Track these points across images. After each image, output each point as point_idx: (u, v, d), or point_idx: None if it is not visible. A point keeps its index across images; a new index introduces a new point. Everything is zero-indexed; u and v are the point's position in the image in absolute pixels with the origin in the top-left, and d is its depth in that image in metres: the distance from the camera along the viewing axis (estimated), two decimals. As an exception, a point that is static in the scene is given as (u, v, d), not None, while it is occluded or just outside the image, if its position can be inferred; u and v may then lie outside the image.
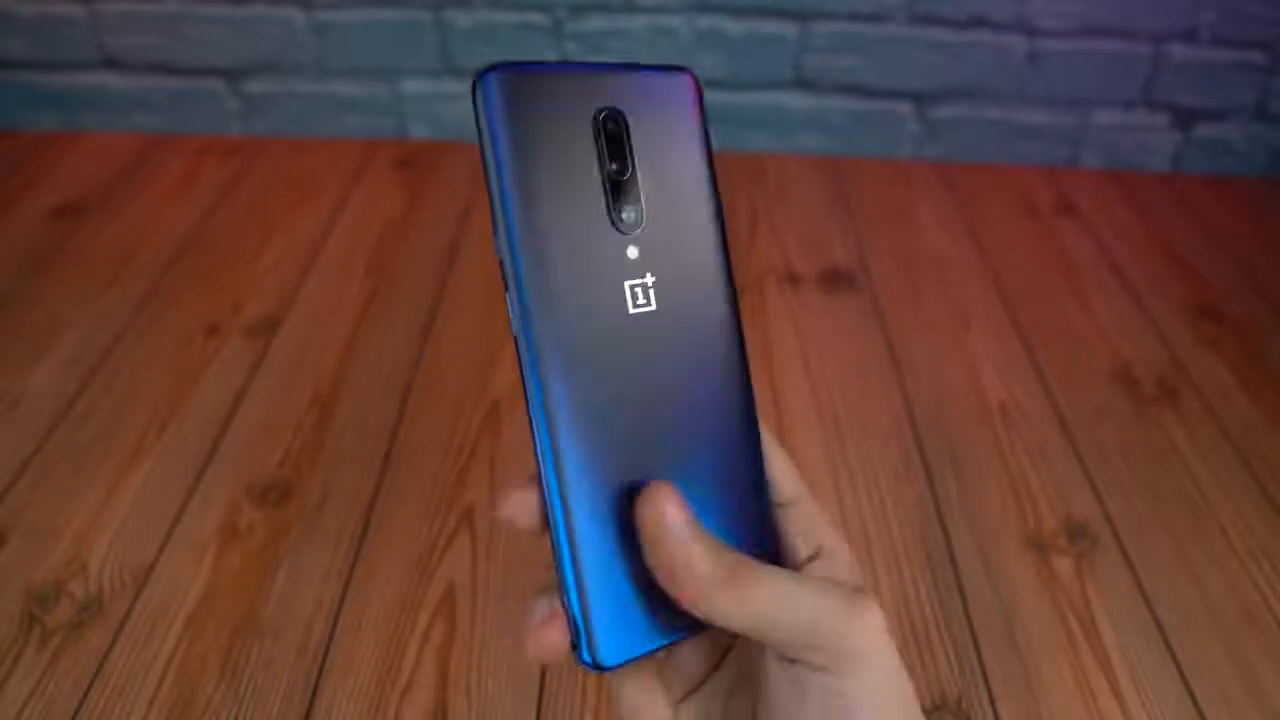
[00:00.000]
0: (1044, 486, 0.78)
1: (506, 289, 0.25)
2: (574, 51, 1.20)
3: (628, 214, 0.26)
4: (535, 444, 0.25)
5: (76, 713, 0.59)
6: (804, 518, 0.29)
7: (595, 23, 1.18)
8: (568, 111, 0.25)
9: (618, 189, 0.26)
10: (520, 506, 0.26)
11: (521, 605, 0.67)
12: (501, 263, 0.25)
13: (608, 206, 0.26)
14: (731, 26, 1.18)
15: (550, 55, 1.20)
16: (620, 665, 0.26)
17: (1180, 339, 0.96)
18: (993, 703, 0.61)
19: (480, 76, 0.25)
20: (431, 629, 0.65)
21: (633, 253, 0.26)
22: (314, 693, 0.61)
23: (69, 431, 0.80)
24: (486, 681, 0.62)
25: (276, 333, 0.92)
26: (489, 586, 0.68)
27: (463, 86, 1.23)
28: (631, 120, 0.26)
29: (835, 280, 1.02)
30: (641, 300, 0.26)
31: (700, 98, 0.28)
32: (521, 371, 0.25)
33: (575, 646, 0.26)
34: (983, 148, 1.26)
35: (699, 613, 0.25)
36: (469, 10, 1.18)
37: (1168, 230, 1.15)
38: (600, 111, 0.26)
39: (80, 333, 0.91)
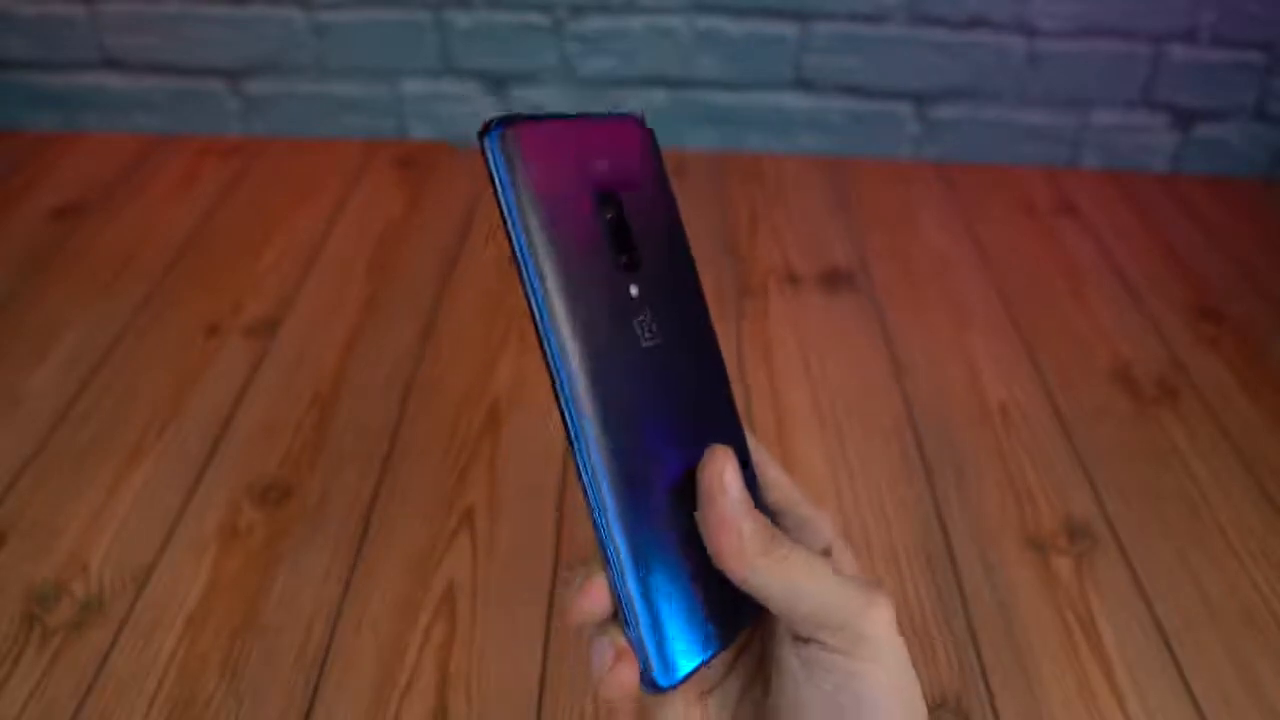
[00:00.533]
0: (1044, 486, 0.78)
1: (540, 336, 0.27)
2: (574, 52, 1.20)
3: (626, 257, 0.28)
4: (585, 484, 0.27)
5: (76, 713, 0.59)
6: (807, 519, 0.30)
7: (595, 23, 1.18)
8: (571, 164, 0.27)
9: (617, 233, 0.28)
10: (595, 600, 0.27)
11: (523, 606, 0.67)
12: (533, 312, 0.27)
13: (610, 250, 0.28)
14: (731, 26, 1.18)
15: (550, 55, 1.21)
16: (681, 682, 0.27)
17: (1180, 339, 0.96)
18: (992, 702, 0.61)
19: (493, 128, 0.26)
20: (431, 629, 0.65)
21: (635, 291, 0.28)
22: (314, 693, 0.61)
23: (69, 431, 0.80)
24: (486, 681, 0.62)
25: (276, 333, 0.92)
26: (489, 586, 0.68)
27: (463, 87, 1.23)
28: (616, 169, 0.28)
29: (835, 280, 1.02)
30: (648, 335, 0.28)
31: (652, 137, 0.30)
32: (564, 419, 0.27)
33: (645, 674, 0.27)
34: (983, 148, 1.26)
35: (738, 573, 0.26)
36: (469, 10, 1.18)
37: (1168, 230, 1.15)
38: (592, 160, 0.28)
39: (80, 333, 0.91)
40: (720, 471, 0.27)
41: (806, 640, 0.26)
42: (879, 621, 0.26)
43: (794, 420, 0.84)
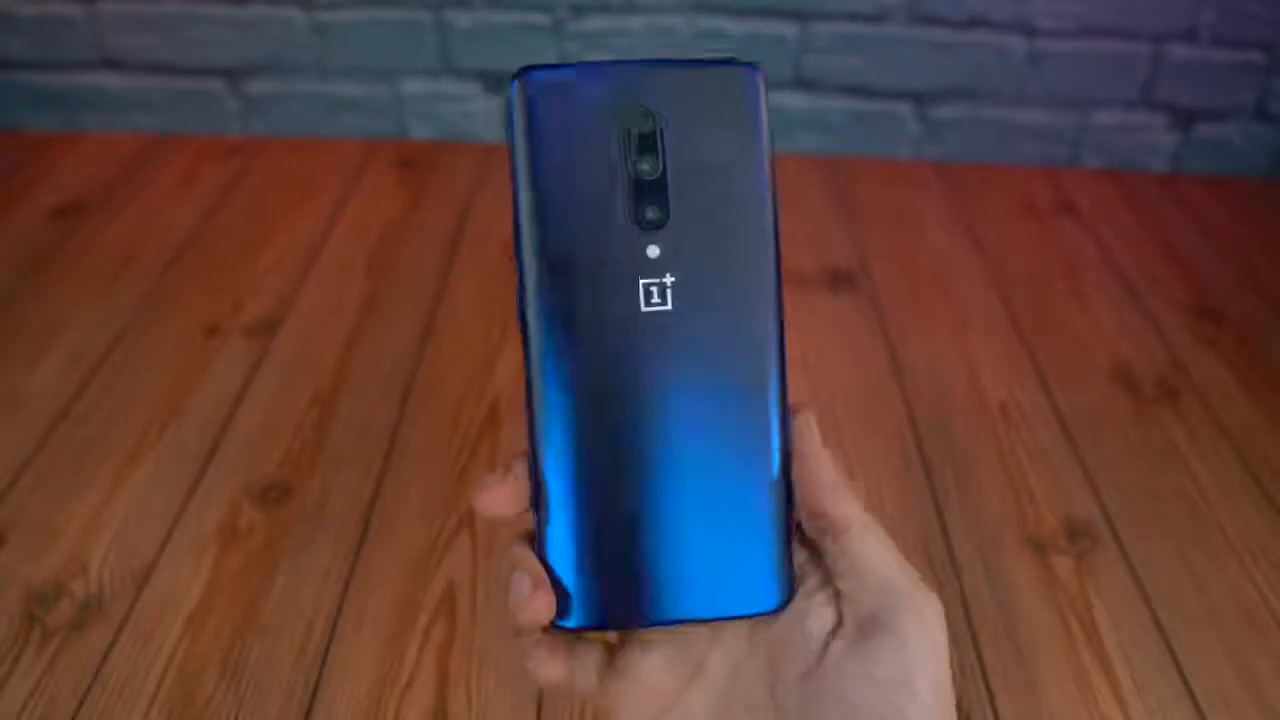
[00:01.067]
0: (1044, 486, 0.78)
1: (518, 280, 0.26)
2: (574, 52, 1.20)
3: (651, 213, 0.26)
4: (529, 415, 0.26)
5: (76, 713, 0.59)
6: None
7: (595, 23, 1.18)
8: (600, 110, 0.26)
9: (643, 187, 0.26)
10: (503, 499, 0.27)
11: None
12: (516, 254, 0.26)
13: (630, 204, 0.26)
14: (731, 26, 1.18)
15: (550, 56, 1.21)
16: (584, 629, 0.27)
17: (1180, 339, 0.96)
18: (993, 702, 0.61)
19: (517, 75, 0.25)
20: (431, 629, 0.65)
21: (653, 252, 0.26)
22: (314, 693, 0.61)
23: (69, 431, 0.80)
24: (486, 681, 0.62)
25: (276, 333, 0.92)
26: (489, 586, 0.68)
27: (463, 87, 1.23)
28: (670, 118, 0.26)
29: (835, 280, 1.02)
30: (656, 299, 0.26)
31: (761, 94, 0.27)
32: (526, 366, 0.26)
33: (563, 612, 0.27)
34: (983, 148, 1.26)
35: (829, 514, 0.27)
36: (469, 10, 1.18)
37: (1168, 230, 1.15)
38: (632, 109, 0.26)
39: (80, 333, 0.91)
40: (809, 419, 0.28)
41: (863, 626, 0.26)
42: (940, 612, 0.26)
43: (794, 420, 0.84)
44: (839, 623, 0.27)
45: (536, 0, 1.17)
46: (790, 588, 0.28)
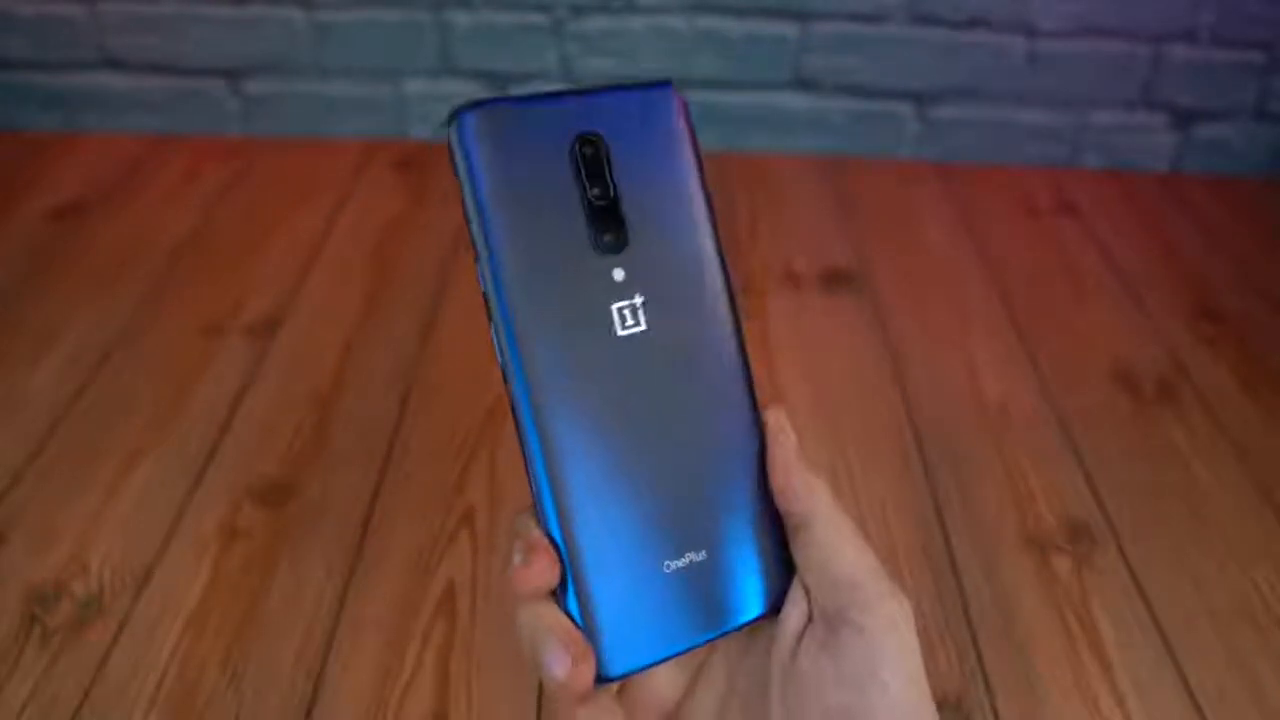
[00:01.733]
0: (1044, 486, 0.78)
1: (490, 321, 0.26)
2: (574, 52, 1.20)
3: (610, 237, 0.26)
4: (529, 471, 0.26)
5: (77, 712, 0.59)
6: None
7: (595, 23, 1.18)
8: (544, 142, 0.26)
9: (599, 213, 0.26)
10: (543, 573, 0.26)
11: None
12: (485, 297, 0.26)
13: (590, 232, 0.26)
14: (731, 26, 1.18)
15: (550, 56, 1.21)
16: (624, 676, 0.26)
17: (1180, 339, 0.96)
18: (993, 702, 0.61)
19: (455, 116, 0.25)
20: (431, 629, 0.65)
21: (619, 275, 0.26)
22: (314, 693, 0.61)
23: (69, 431, 0.80)
24: (486, 681, 0.62)
25: (277, 332, 0.92)
26: (489, 586, 0.68)
27: (463, 87, 1.23)
28: (611, 143, 0.26)
29: (835, 280, 1.02)
30: (630, 321, 0.26)
31: (684, 108, 0.27)
32: (511, 402, 0.26)
33: (605, 664, 0.26)
34: (983, 148, 1.26)
35: (797, 505, 0.27)
36: (469, 10, 1.18)
37: (1168, 230, 1.15)
38: (577, 138, 0.26)
39: (80, 333, 0.91)
40: (779, 415, 0.28)
41: (830, 623, 0.26)
42: (905, 606, 0.26)
43: (794, 420, 0.84)
44: (810, 619, 0.27)
45: (536, 0, 1.17)
46: (789, 576, 0.28)
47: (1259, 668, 0.64)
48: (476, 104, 0.25)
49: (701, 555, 0.27)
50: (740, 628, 0.28)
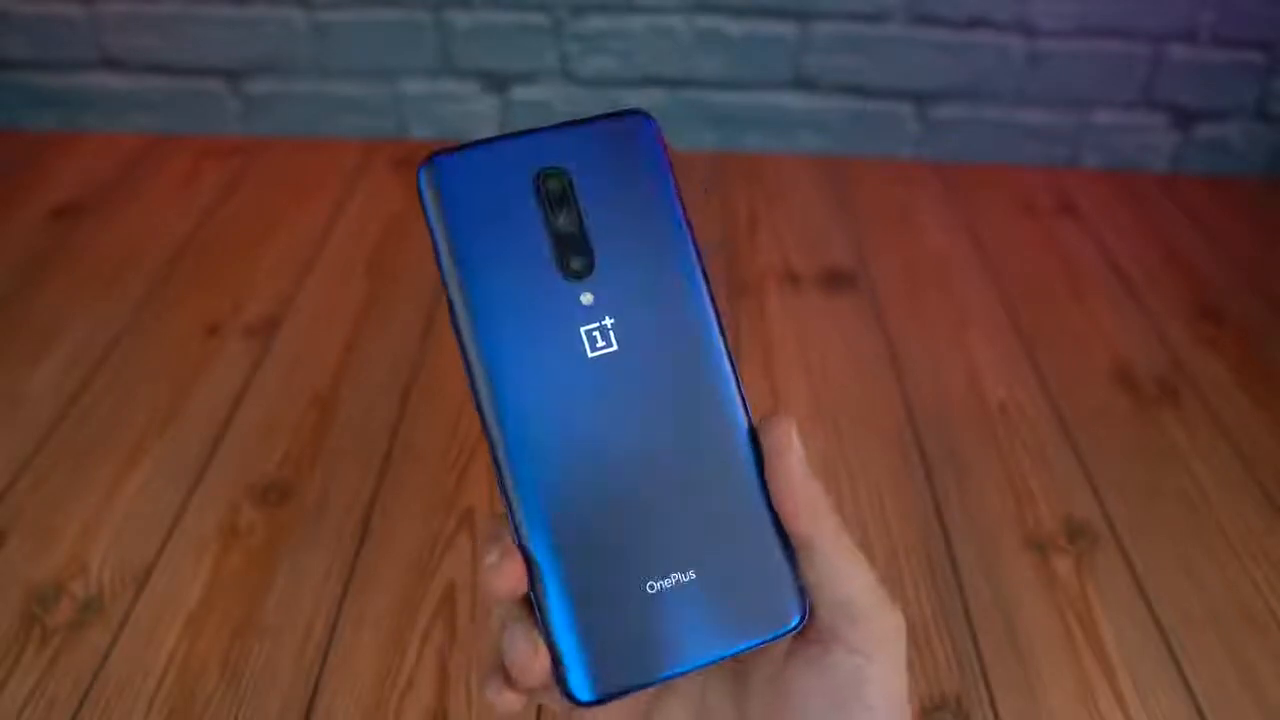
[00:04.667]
0: (1044, 486, 0.78)
1: (463, 356, 0.26)
2: (574, 52, 1.20)
3: (576, 263, 0.27)
4: (500, 488, 0.26)
5: (77, 713, 0.59)
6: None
7: (595, 23, 1.18)
8: (508, 178, 0.27)
9: (563, 240, 0.27)
10: (512, 577, 0.26)
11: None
12: (457, 336, 0.26)
13: (555, 259, 0.27)
14: (731, 26, 1.18)
15: (550, 56, 1.21)
16: (600, 701, 0.26)
17: (1180, 339, 0.96)
18: (992, 702, 0.61)
19: (420, 168, 0.26)
20: (431, 629, 0.65)
21: (587, 299, 0.27)
22: (314, 693, 0.61)
23: (69, 431, 0.80)
24: (486, 681, 0.62)
25: (276, 333, 0.92)
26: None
27: (463, 87, 1.23)
28: (576, 173, 0.27)
29: (835, 280, 1.02)
30: (601, 343, 0.27)
31: (656, 135, 0.28)
32: (484, 430, 0.26)
33: (559, 680, 0.26)
34: (983, 148, 1.26)
35: (800, 527, 0.26)
36: (469, 10, 1.18)
37: (1168, 230, 1.15)
38: (540, 171, 0.27)
39: (80, 333, 0.91)
40: (788, 430, 0.27)
41: (822, 640, 0.26)
42: (901, 627, 0.26)
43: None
44: (799, 635, 0.27)
45: (536, 0, 1.17)
46: (804, 602, 0.27)
47: (1259, 667, 0.64)
48: (440, 152, 0.27)
49: (690, 576, 0.26)
50: (745, 650, 0.27)
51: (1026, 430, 0.83)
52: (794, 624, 0.27)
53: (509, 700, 0.27)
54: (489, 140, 0.27)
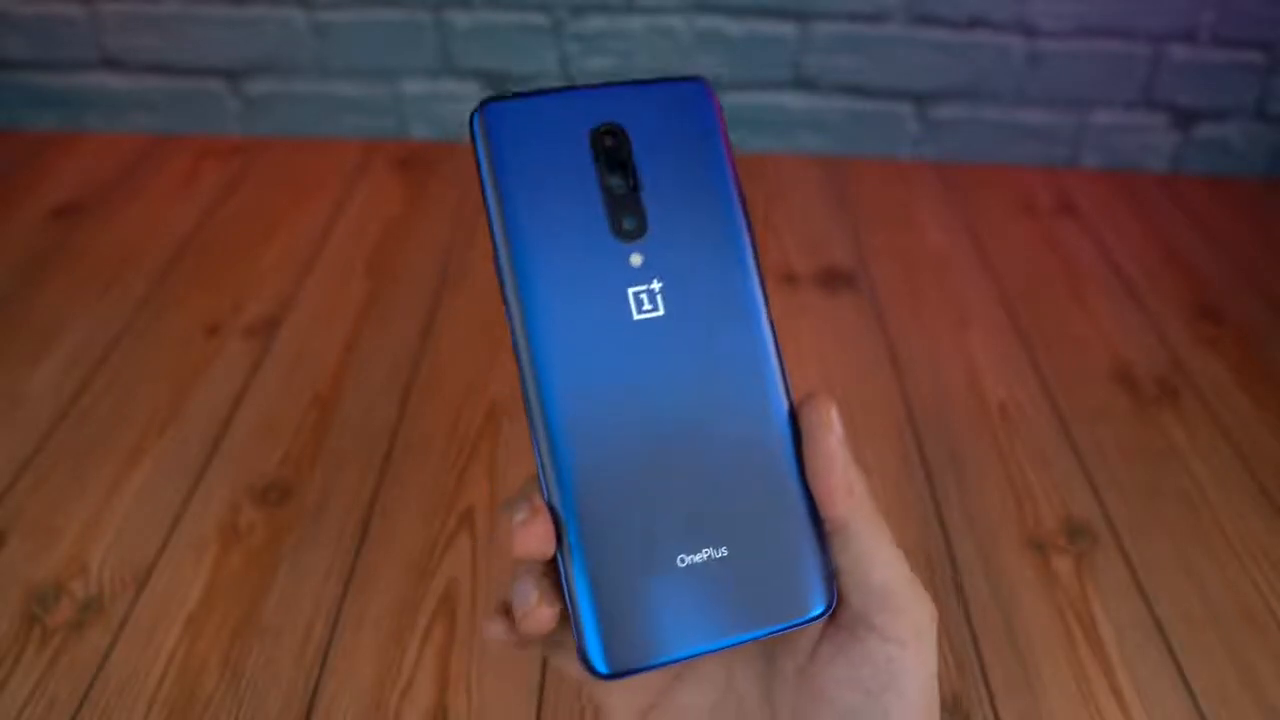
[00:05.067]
0: (1044, 486, 0.78)
1: (505, 307, 0.26)
2: (574, 52, 1.20)
3: (628, 224, 0.26)
4: (535, 447, 0.26)
5: (77, 712, 0.59)
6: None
7: (595, 23, 1.18)
8: (564, 132, 0.26)
9: (617, 200, 0.26)
10: (539, 537, 0.25)
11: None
12: (500, 284, 0.26)
13: (608, 218, 0.26)
14: (731, 26, 1.18)
15: (550, 56, 1.20)
16: (617, 675, 0.25)
17: (1180, 339, 0.96)
18: (992, 702, 0.61)
19: (476, 109, 0.26)
20: (431, 629, 0.65)
21: (636, 260, 0.26)
22: (314, 693, 0.61)
23: (69, 431, 0.80)
24: (486, 681, 0.62)
25: (276, 333, 0.92)
26: (489, 586, 0.68)
27: (463, 87, 1.23)
28: (633, 133, 0.27)
29: (835, 280, 1.02)
30: (647, 306, 0.26)
31: (713, 102, 0.28)
32: (520, 379, 0.26)
33: (580, 649, 0.25)
34: (983, 148, 1.26)
35: (841, 511, 0.25)
36: (469, 10, 1.18)
37: (1168, 230, 1.15)
38: (597, 127, 0.26)
39: (80, 333, 0.91)
40: (828, 409, 0.26)
41: (853, 628, 0.25)
42: (933, 616, 0.25)
43: (794, 420, 0.84)
44: (830, 621, 0.27)
45: (536, 0, 1.17)
46: (832, 590, 0.26)
47: (1259, 667, 0.64)
48: (498, 98, 0.26)
49: (722, 552, 0.26)
50: (771, 635, 0.26)
51: (1026, 430, 0.83)
52: (819, 612, 0.26)
53: (498, 633, 0.26)
54: (546, 90, 0.26)
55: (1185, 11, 1.15)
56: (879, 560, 0.26)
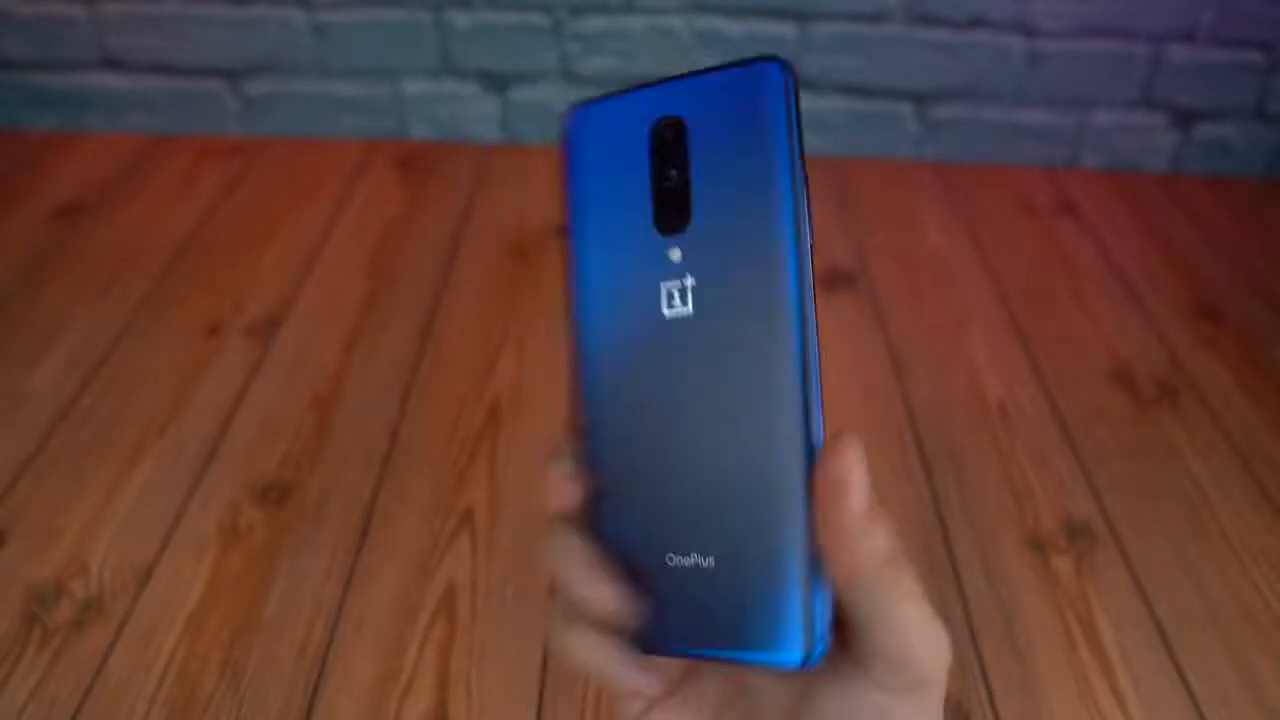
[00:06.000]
0: (1044, 486, 0.78)
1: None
2: (574, 52, 1.20)
3: (671, 217, 0.26)
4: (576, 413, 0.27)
5: (77, 712, 0.59)
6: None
7: (595, 23, 1.18)
8: (630, 128, 0.27)
9: (664, 194, 0.26)
10: (576, 490, 0.26)
11: (523, 606, 0.67)
12: (566, 272, 0.28)
13: (653, 211, 0.27)
14: (731, 26, 1.18)
15: (550, 56, 1.20)
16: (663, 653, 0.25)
17: (1180, 339, 0.96)
18: (993, 702, 0.61)
19: (566, 113, 0.28)
20: (431, 629, 0.65)
21: (675, 255, 0.26)
22: (314, 693, 0.61)
23: (69, 431, 0.80)
24: (486, 681, 0.62)
25: (276, 333, 0.92)
26: (489, 586, 0.68)
27: (463, 87, 1.23)
28: (693, 125, 0.27)
29: (835, 280, 1.02)
30: (678, 303, 0.26)
31: (784, 86, 0.26)
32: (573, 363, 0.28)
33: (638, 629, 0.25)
34: (982, 148, 1.26)
35: (843, 572, 0.23)
36: (469, 10, 1.18)
37: (1167, 230, 1.15)
38: (658, 121, 0.27)
39: (80, 333, 0.91)
40: (850, 467, 0.23)
41: (852, 664, 0.24)
42: (943, 667, 0.23)
43: (794, 420, 0.84)
44: (828, 664, 0.25)
45: (536, 0, 1.17)
46: (815, 642, 0.24)
47: (1259, 667, 0.64)
48: (582, 101, 0.28)
49: (709, 562, 0.25)
50: (737, 663, 0.25)
51: (1026, 430, 0.83)
52: (792, 660, 0.24)
53: (588, 645, 0.24)
54: (629, 89, 0.27)
55: (1185, 11, 1.15)
56: (897, 626, 0.23)
